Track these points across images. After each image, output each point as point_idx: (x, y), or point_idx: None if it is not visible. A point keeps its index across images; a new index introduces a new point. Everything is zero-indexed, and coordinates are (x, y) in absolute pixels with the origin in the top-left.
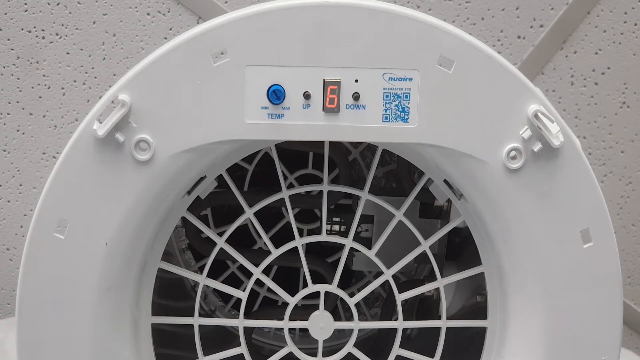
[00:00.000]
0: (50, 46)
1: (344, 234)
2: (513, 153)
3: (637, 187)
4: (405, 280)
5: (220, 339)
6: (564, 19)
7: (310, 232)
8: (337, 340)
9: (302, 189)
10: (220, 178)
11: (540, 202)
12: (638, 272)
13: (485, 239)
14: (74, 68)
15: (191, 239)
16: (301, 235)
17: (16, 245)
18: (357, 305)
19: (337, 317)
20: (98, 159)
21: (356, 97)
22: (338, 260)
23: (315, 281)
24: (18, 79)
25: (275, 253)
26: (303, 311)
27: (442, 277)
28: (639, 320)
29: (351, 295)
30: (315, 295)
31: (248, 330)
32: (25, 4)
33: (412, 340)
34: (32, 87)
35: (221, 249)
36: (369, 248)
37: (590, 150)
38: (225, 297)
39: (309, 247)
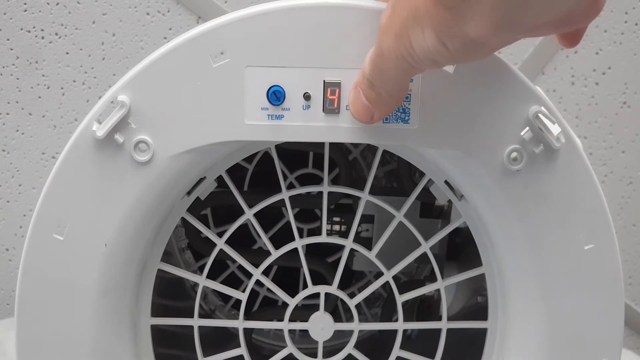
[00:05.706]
0: (49, 46)
1: (345, 234)
2: (514, 154)
3: (637, 187)
4: (406, 280)
5: (220, 338)
6: None
7: (311, 232)
8: (337, 340)
9: (302, 190)
10: (220, 178)
11: (541, 203)
12: (639, 272)
13: (486, 240)
14: (73, 68)
15: (191, 239)
16: (301, 234)
17: (15, 246)
18: (357, 305)
19: (337, 317)
20: (97, 159)
21: None
22: (338, 260)
23: (315, 280)
24: (17, 79)
25: (275, 254)
26: (303, 311)
27: (442, 277)
28: (639, 321)
29: (351, 295)
30: (316, 294)
31: (248, 331)
32: (25, 3)
33: (413, 340)
34: (32, 87)
35: (221, 249)
36: (370, 248)
37: (591, 150)
38: (225, 297)
39: (309, 246)
